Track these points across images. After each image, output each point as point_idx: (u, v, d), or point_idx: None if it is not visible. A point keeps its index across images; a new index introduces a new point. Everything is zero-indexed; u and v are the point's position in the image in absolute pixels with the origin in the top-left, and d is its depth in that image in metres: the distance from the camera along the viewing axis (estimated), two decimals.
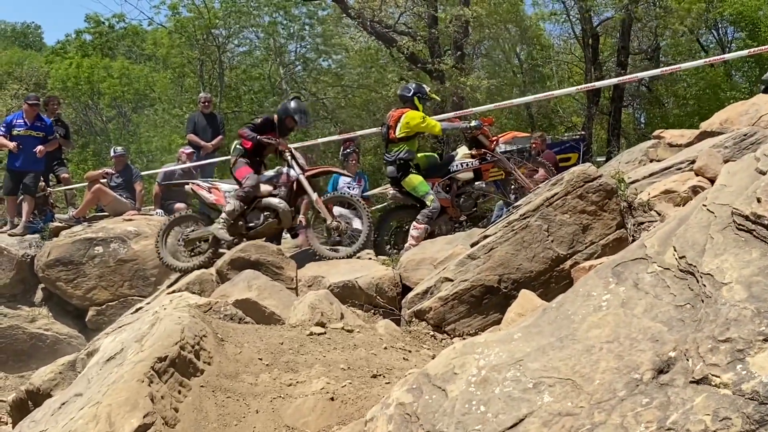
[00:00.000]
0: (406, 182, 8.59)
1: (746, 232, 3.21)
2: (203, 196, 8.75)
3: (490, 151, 8.77)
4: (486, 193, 8.91)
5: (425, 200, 8.45)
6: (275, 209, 8.44)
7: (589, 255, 5.82)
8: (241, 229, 8.45)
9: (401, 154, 8.60)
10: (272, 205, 8.45)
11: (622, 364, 2.89)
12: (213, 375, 4.23)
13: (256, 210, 8.51)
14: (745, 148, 6.85)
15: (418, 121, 8.58)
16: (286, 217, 8.51)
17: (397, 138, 8.64)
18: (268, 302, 6.13)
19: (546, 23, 26.70)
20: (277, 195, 8.53)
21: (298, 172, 8.57)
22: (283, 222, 8.56)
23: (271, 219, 8.44)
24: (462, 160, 8.82)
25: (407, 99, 8.96)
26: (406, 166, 8.61)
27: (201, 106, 13.32)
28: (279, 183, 8.60)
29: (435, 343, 5.60)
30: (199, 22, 23.16)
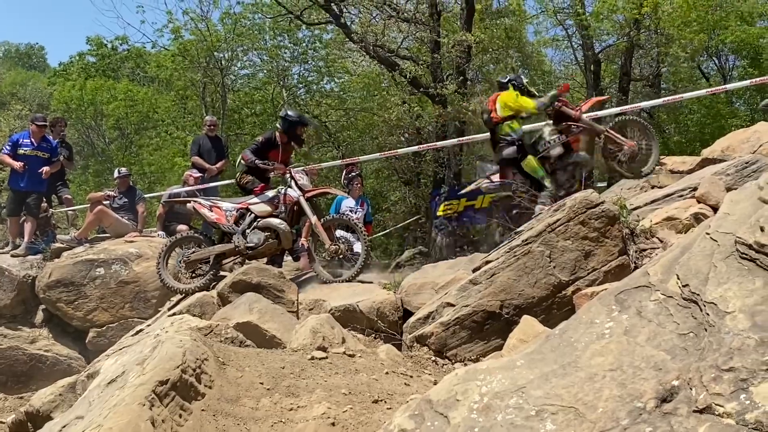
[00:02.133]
0: (526, 164, 8.74)
1: (749, 260, 3.21)
2: (205, 214, 8.76)
3: (575, 122, 8.81)
4: (582, 163, 8.90)
5: (543, 182, 8.64)
6: (275, 230, 8.45)
7: (591, 281, 5.82)
8: (241, 249, 8.44)
9: (516, 135, 8.79)
10: (272, 226, 8.46)
11: (625, 392, 2.88)
12: (214, 399, 4.22)
13: (256, 230, 8.50)
14: (747, 176, 6.86)
15: (513, 99, 8.77)
16: (286, 238, 8.51)
17: (501, 117, 8.82)
18: (269, 325, 6.13)
19: (547, 49, 26.82)
20: (277, 216, 8.53)
21: (298, 194, 8.59)
22: (282, 243, 8.57)
23: (271, 240, 8.44)
24: (549, 137, 8.91)
25: (502, 85, 9.16)
26: (524, 147, 8.81)
27: (206, 129, 13.33)
28: (279, 203, 8.61)
29: (436, 368, 5.59)
30: (202, 44, 23.24)
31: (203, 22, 23.85)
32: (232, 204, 8.77)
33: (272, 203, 8.63)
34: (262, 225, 8.51)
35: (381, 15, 19.21)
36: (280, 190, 8.71)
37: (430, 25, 18.95)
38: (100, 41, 30.13)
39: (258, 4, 23.46)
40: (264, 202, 8.64)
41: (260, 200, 8.66)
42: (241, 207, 8.67)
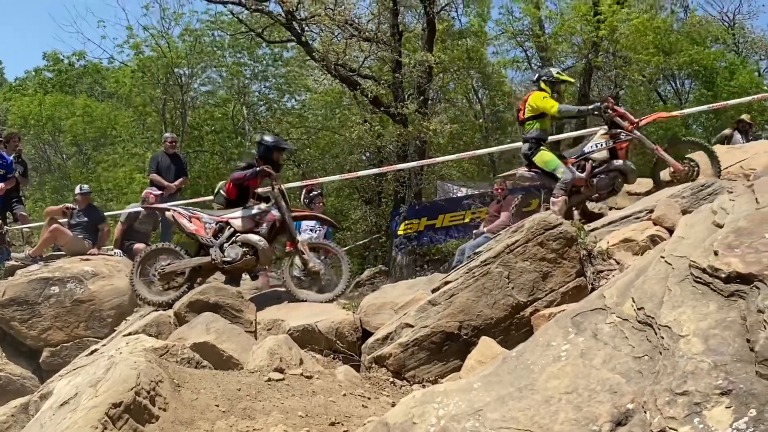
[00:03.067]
0: (536, 158, 8.90)
1: (703, 284, 3.25)
2: (183, 224, 8.59)
3: (628, 131, 8.88)
4: (623, 171, 8.91)
5: (556, 173, 8.73)
6: (254, 246, 8.37)
7: (549, 302, 5.85)
8: (218, 262, 8.34)
9: (533, 133, 8.97)
10: (251, 242, 8.35)
11: (580, 415, 2.90)
12: (168, 422, 4.16)
13: (234, 245, 8.40)
14: (703, 199, 6.95)
15: (539, 101, 8.93)
16: (264, 256, 8.43)
17: (525, 119, 9.08)
18: (227, 346, 6.06)
19: (508, 70, 27.08)
20: (258, 232, 8.45)
21: (285, 211, 8.53)
22: (260, 260, 8.48)
23: (249, 256, 8.35)
24: (597, 141, 9.01)
25: (534, 82, 9.48)
26: (538, 144, 8.95)
27: (166, 146, 13.20)
28: (262, 220, 8.51)
29: (394, 390, 5.56)
30: (162, 61, 23.12)
31: (163, 38, 23.74)
32: (211, 216, 8.66)
33: (253, 219, 8.53)
34: (241, 240, 8.39)
35: (343, 34, 19.26)
36: (262, 208, 8.61)
37: (392, 45, 19.05)
38: (57, 56, 29.84)
39: (218, 21, 23.39)
40: (245, 217, 8.54)
41: (241, 215, 8.54)
42: (221, 220, 8.56)
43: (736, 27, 30.86)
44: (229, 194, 8.87)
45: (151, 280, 8.51)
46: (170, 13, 24.28)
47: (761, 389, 2.61)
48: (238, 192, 8.83)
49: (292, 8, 17.93)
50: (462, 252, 11.12)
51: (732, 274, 3.16)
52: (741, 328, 2.93)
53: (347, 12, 18.93)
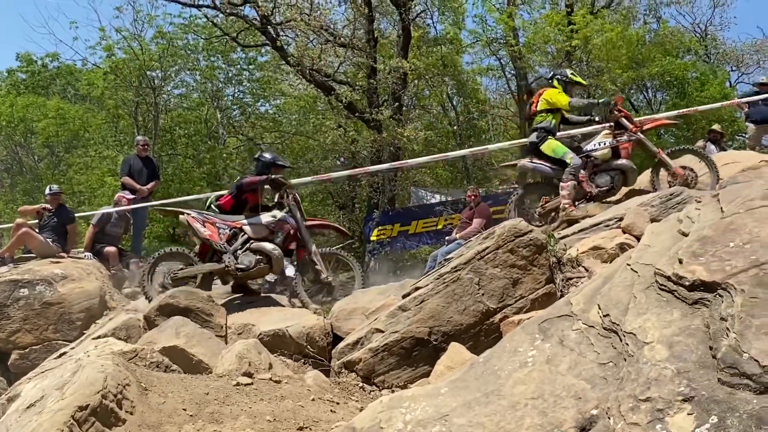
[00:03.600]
0: (544, 146, 9.02)
1: (668, 292, 3.29)
2: (197, 228, 8.46)
3: (633, 132, 9.01)
4: (624, 170, 8.99)
5: (565, 159, 8.84)
6: (268, 254, 8.32)
7: (519, 309, 5.88)
8: (232, 269, 8.29)
9: (544, 124, 9.12)
10: (265, 250, 8.28)
11: (545, 421, 2.92)
12: (135, 425, 4.13)
13: (248, 252, 8.31)
14: (671, 208, 7.02)
15: (553, 95, 9.11)
16: (277, 264, 8.37)
17: (537, 111, 9.23)
18: (197, 350, 6.02)
19: (482, 78, 27.21)
20: (272, 240, 8.40)
21: (299, 220, 8.51)
22: (273, 268, 8.44)
23: (262, 264, 8.29)
24: (600, 140, 9.11)
25: (547, 80, 9.67)
26: (547, 135, 9.06)
27: (139, 149, 13.11)
28: (277, 228, 8.46)
29: (364, 395, 5.56)
30: (135, 63, 22.98)
31: (136, 40, 23.60)
32: (225, 222, 8.57)
33: (267, 227, 8.46)
34: (255, 248, 8.31)
35: (318, 39, 19.29)
36: (276, 215, 8.55)
37: (367, 51, 19.12)
38: (30, 58, 29.57)
39: (192, 24, 23.31)
40: (259, 224, 8.46)
41: (256, 222, 8.47)
42: (234, 226, 8.47)
43: (708, 38, 31.24)
44: (223, 207, 8.76)
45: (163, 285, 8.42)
46: (143, 15, 24.18)
47: (723, 396, 2.65)
48: (234, 204, 8.76)
49: (268, 13, 17.95)
50: (434, 258, 11.16)
51: (696, 282, 3.21)
52: (704, 335, 2.96)
53: (322, 17, 18.99)
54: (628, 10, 26.08)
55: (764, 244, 3.26)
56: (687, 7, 30.61)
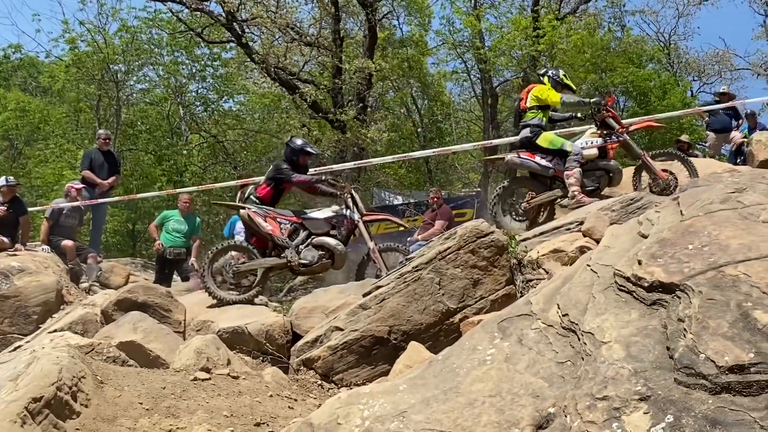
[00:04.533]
0: (541, 140, 8.89)
1: (627, 293, 3.32)
2: (259, 223, 8.32)
3: (619, 133, 8.91)
4: (610, 170, 8.89)
5: (564, 148, 8.75)
6: (330, 250, 8.25)
7: (479, 309, 5.89)
8: (294, 264, 8.20)
9: (535, 120, 8.99)
10: (328, 246, 8.23)
11: (503, 418, 2.92)
12: (90, 418, 4.07)
13: (311, 247, 8.25)
14: (632, 212, 7.08)
15: (543, 91, 9.01)
16: (340, 260, 8.32)
17: (527, 107, 9.09)
18: (154, 345, 5.96)
19: (447, 81, 27.30)
20: (335, 236, 8.34)
21: (358, 217, 8.43)
22: (336, 264, 8.36)
23: (324, 259, 8.24)
24: (587, 139, 8.98)
25: (539, 76, 9.56)
26: (539, 131, 8.95)
27: (100, 143, 12.93)
28: (339, 224, 8.41)
29: (322, 392, 5.54)
30: (98, 56, 22.70)
31: (100, 33, 23.32)
32: (286, 217, 8.44)
33: (329, 222, 8.41)
34: (317, 243, 8.27)
35: (284, 37, 19.20)
36: (340, 210, 8.49)
37: (333, 50, 19.08)
38: None
39: (156, 19, 23.09)
40: (320, 219, 8.42)
41: (317, 217, 8.43)
42: (295, 221, 8.40)
43: (671, 47, 31.65)
44: (263, 198, 8.70)
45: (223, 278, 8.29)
46: (108, 8, 23.90)
47: (679, 396, 2.67)
48: (273, 192, 8.72)
49: (233, 9, 17.81)
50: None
51: (654, 283, 3.23)
52: (661, 335, 2.99)
53: (289, 15, 18.91)
54: (593, 17, 26.32)
55: (722, 247, 3.30)
56: (651, 16, 31.00)
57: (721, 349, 2.72)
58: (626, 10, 28.63)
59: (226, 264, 8.37)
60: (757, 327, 2.76)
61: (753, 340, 2.72)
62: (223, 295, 8.07)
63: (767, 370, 2.60)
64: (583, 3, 25.51)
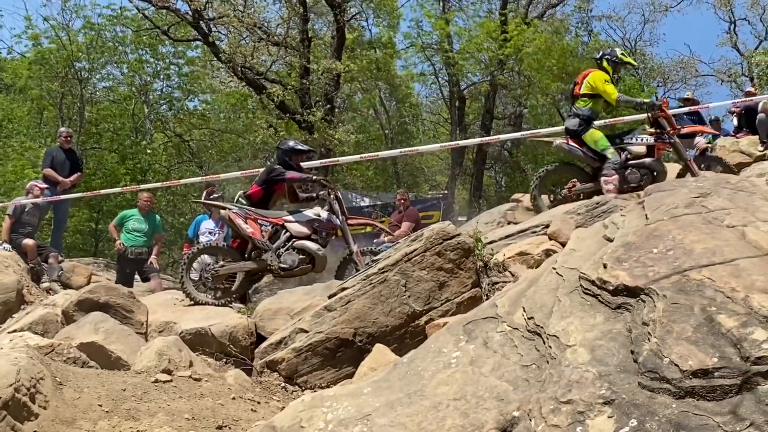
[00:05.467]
0: (587, 136, 8.81)
1: (592, 296, 3.32)
2: (239, 225, 8.17)
3: (670, 135, 8.87)
4: (654, 170, 8.83)
5: (606, 153, 8.67)
6: (311, 254, 8.15)
7: (444, 312, 5.87)
8: (274, 268, 8.09)
9: (586, 111, 8.91)
10: (309, 250, 8.12)
11: (467, 422, 2.90)
12: (48, 420, 4.00)
13: (292, 251, 8.11)
14: (597, 216, 7.12)
15: (600, 82, 8.86)
16: (321, 264, 8.21)
17: (580, 94, 9.00)
18: (115, 347, 5.87)
19: (415, 83, 27.35)
20: (315, 240, 8.23)
21: (342, 220, 8.35)
22: (316, 268, 8.25)
23: (305, 264, 8.13)
24: (640, 135, 8.97)
25: (596, 60, 9.32)
26: (589, 122, 8.89)
27: (61, 141, 12.79)
28: (320, 228, 8.29)
29: (285, 395, 5.49)
30: (61, 53, 22.42)
31: (64, 30, 23.04)
32: (266, 218, 8.30)
33: (311, 225, 8.27)
34: (298, 246, 8.14)
35: (251, 37, 19.12)
36: (320, 214, 8.36)
37: (301, 50, 19.02)
38: None
39: (120, 16, 22.86)
40: (302, 221, 8.27)
41: (298, 219, 8.28)
42: (276, 222, 8.27)
43: (637, 53, 32.02)
44: (254, 196, 8.60)
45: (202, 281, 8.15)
46: (72, 5, 23.62)
47: (643, 400, 2.67)
48: (263, 195, 8.61)
49: (200, 7, 17.69)
50: None
51: (619, 286, 3.23)
52: (626, 339, 2.99)
53: (256, 15, 18.83)
54: (560, 22, 26.54)
55: (687, 251, 3.31)
56: (618, 22, 31.37)
57: (686, 353, 2.72)
58: (593, 15, 28.99)
59: (204, 266, 8.29)
60: (721, 331, 2.77)
61: (717, 344, 2.72)
62: (201, 298, 8.00)
63: (731, 375, 2.61)
64: (550, 7, 25.73)
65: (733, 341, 2.71)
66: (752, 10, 29.75)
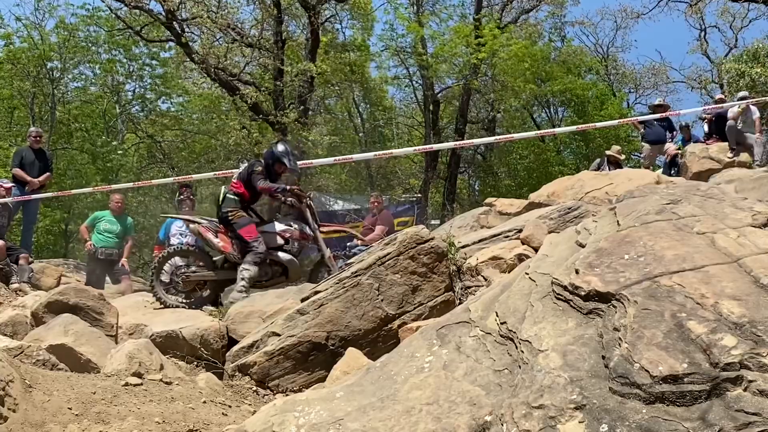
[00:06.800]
0: None
1: (564, 301, 3.33)
2: (210, 239, 8.18)
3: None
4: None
5: None
6: (284, 265, 8.15)
7: (417, 316, 5.88)
8: None
9: None
10: (281, 261, 8.14)
11: (439, 426, 2.90)
12: (18, 423, 3.94)
13: (263, 264, 8.09)
14: (569, 221, 7.16)
15: None
16: (294, 273, 8.25)
17: None
18: (85, 349, 5.81)
19: (389, 86, 27.37)
20: (288, 251, 8.22)
21: (314, 228, 8.34)
22: (290, 277, 8.25)
23: (278, 276, 8.16)
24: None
25: None
26: None
27: (31, 141, 12.66)
28: (292, 238, 8.27)
29: (257, 398, 5.47)
30: (33, 53, 22.21)
31: (36, 30, 22.82)
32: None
33: (282, 235, 8.26)
34: (270, 258, 8.14)
35: (225, 38, 19.05)
36: (291, 224, 8.34)
37: (274, 52, 18.97)
38: None
39: (94, 16, 22.68)
40: (272, 233, 8.25)
41: (269, 230, 8.26)
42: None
43: (609, 59, 32.29)
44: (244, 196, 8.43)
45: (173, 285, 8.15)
46: (45, 4, 23.42)
47: (614, 405, 2.68)
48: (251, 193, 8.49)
49: (173, 8, 17.59)
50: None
51: (591, 292, 3.26)
52: (597, 344, 3.01)
53: (230, 16, 18.76)
54: (533, 27, 26.68)
55: (657, 257, 3.34)
56: (591, 28, 31.61)
57: (656, 359, 2.74)
58: (566, 21, 29.16)
59: (175, 268, 8.25)
60: (690, 337, 2.79)
61: (687, 350, 2.75)
62: (171, 302, 7.96)
63: (700, 380, 2.63)
64: (524, 13, 25.85)
65: (703, 347, 2.74)
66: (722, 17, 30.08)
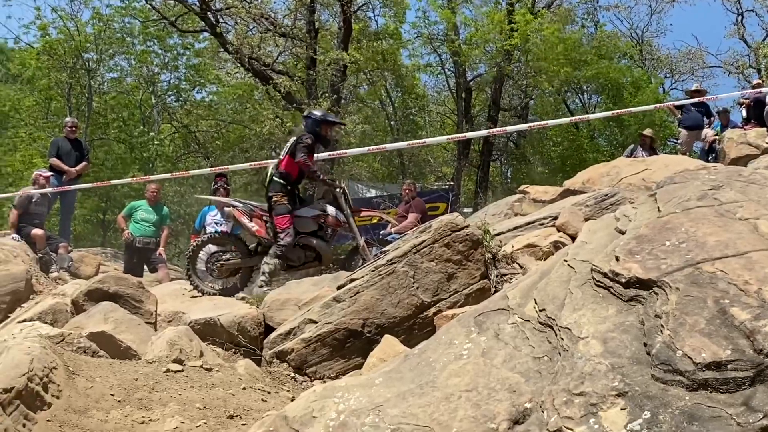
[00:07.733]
0: None
1: (604, 288, 3.31)
2: (244, 223, 8.28)
3: None
4: None
5: None
6: (317, 250, 8.19)
7: (453, 303, 5.88)
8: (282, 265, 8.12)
9: None
10: (314, 246, 8.17)
11: (479, 413, 2.90)
12: (61, 409, 4.01)
13: (297, 248, 8.13)
14: (605, 208, 7.13)
15: None
16: (327, 260, 8.30)
17: None
18: (125, 336, 5.88)
19: (421, 74, 27.27)
20: (321, 236, 8.25)
21: (348, 214, 8.31)
22: (323, 263, 8.33)
23: (312, 260, 8.21)
24: None
25: None
26: None
27: (67, 131, 12.82)
28: (325, 224, 8.28)
29: (295, 385, 5.51)
30: (69, 44, 22.41)
31: (72, 21, 23.02)
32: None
33: (316, 221, 8.25)
34: (303, 243, 8.16)
35: (258, 28, 19.11)
36: (325, 209, 8.31)
37: (307, 41, 19.01)
38: None
39: (128, 7, 22.83)
40: (306, 217, 8.24)
41: (304, 215, 8.23)
42: None
43: (644, 44, 31.88)
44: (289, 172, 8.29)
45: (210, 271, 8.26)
46: None
47: (656, 392, 2.67)
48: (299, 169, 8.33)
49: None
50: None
51: (632, 279, 3.23)
52: (638, 332, 2.99)
53: (263, 6, 18.81)
54: (567, 12, 26.44)
55: (699, 244, 3.31)
56: (625, 12, 31.22)
57: (699, 345, 2.72)
58: (600, 6, 28.86)
59: (209, 255, 8.31)
60: (734, 324, 2.77)
61: (730, 336, 2.72)
62: (207, 289, 8.03)
63: (744, 367, 2.61)
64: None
65: (746, 333, 2.71)
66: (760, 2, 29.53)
